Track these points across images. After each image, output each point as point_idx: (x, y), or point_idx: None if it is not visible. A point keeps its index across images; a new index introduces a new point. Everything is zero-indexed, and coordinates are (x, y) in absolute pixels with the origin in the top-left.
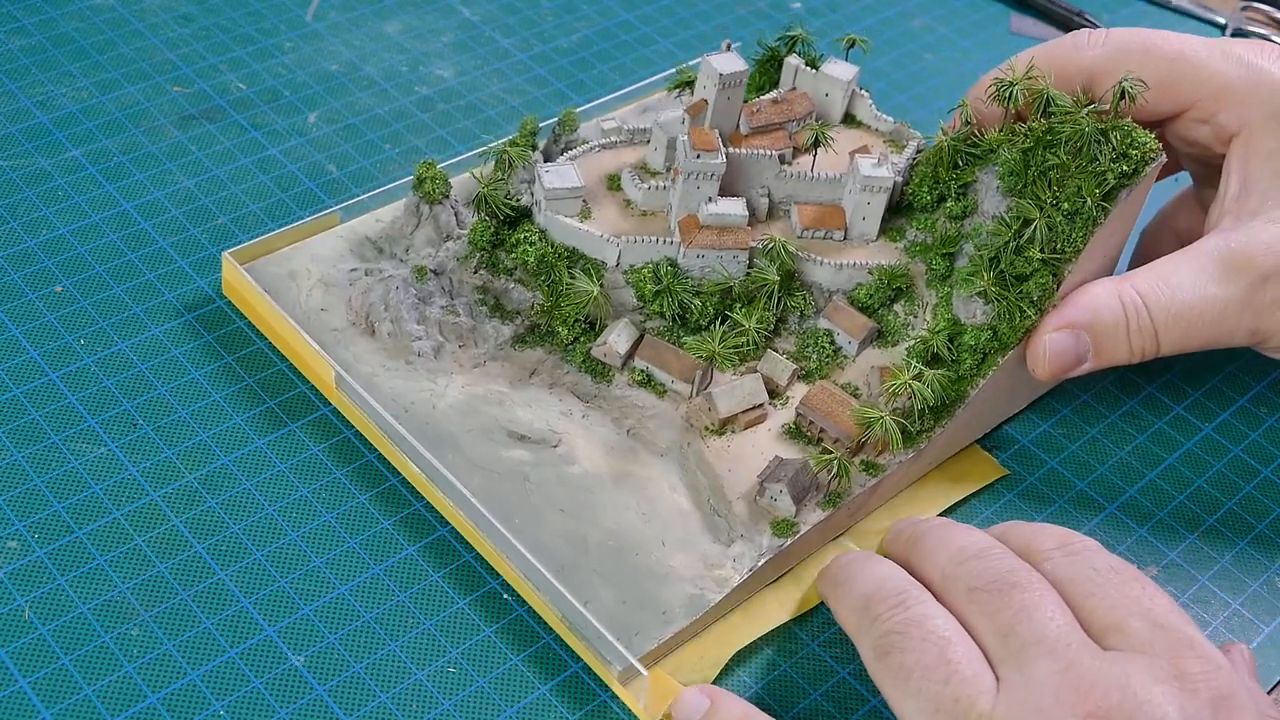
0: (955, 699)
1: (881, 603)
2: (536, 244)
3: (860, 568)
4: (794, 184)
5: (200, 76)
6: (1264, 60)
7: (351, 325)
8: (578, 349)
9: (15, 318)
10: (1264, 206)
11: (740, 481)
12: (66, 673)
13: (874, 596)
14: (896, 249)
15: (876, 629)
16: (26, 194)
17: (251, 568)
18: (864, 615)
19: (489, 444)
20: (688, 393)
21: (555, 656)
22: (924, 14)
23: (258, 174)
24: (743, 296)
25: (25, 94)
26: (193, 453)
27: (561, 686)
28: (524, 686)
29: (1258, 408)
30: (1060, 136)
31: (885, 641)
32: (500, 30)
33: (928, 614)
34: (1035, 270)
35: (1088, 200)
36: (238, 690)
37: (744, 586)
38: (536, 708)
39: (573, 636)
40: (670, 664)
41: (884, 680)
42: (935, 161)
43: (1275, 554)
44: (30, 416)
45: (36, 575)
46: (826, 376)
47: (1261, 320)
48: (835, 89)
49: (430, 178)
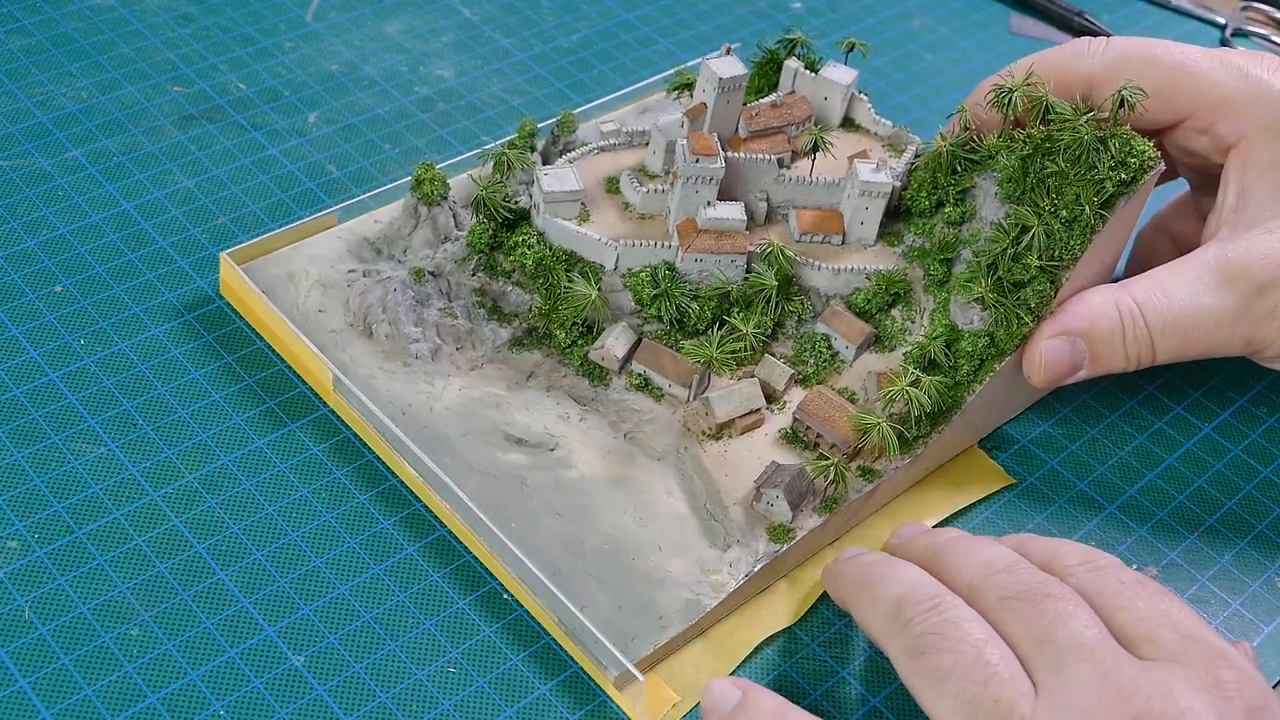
0: (995, 700)
1: (914, 605)
2: (535, 247)
3: (889, 571)
4: (792, 188)
5: (200, 76)
6: (1263, 72)
7: (349, 327)
8: (575, 352)
9: (15, 318)
10: (1261, 217)
11: (737, 486)
12: (66, 673)
13: (906, 599)
14: (894, 254)
15: (910, 631)
16: (26, 194)
17: (251, 568)
18: (895, 618)
19: (486, 447)
20: (685, 397)
21: (555, 657)
22: (924, 14)
23: (258, 174)
24: (741, 301)
25: (25, 94)
26: (193, 453)
27: (561, 686)
28: (524, 686)
29: (1258, 408)
30: (1059, 144)
31: (920, 642)
32: (500, 30)
33: (963, 616)
34: (1033, 277)
35: (1086, 208)
36: (238, 690)
37: (740, 592)
38: (536, 708)
39: (569, 642)
40: (664, 670)
41: (918, 681)
42: (934, 167)
43: (1275, 554)
44: (30, 416)
45: (36, 575)
46: (824, 381)
47: (1257, 330)
48: (834, 93)
49: (428, 179)
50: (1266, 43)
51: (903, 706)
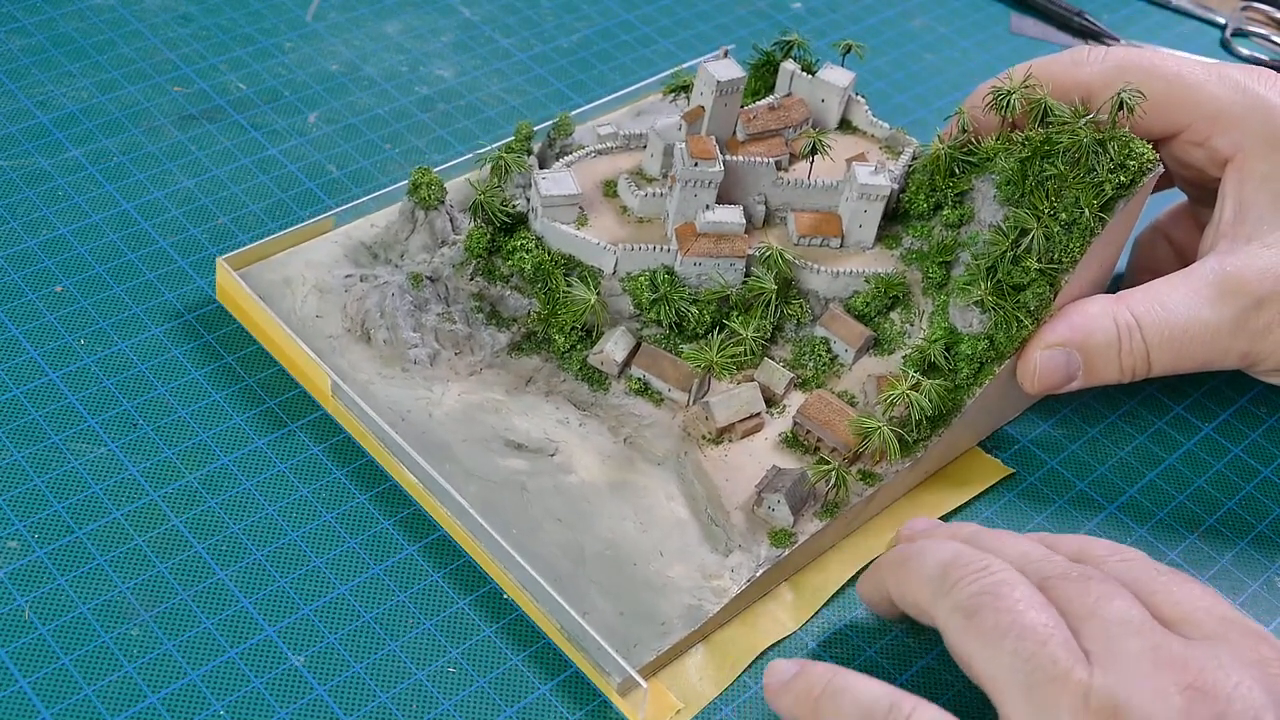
0: (1053, 660)
1: (963, 568)
2: (533, 251)
3: (928, 545)
4: (791, 191)
5: (200, 76)
6: (1260, 86)
7: (347, 332)
8: (574, 357)
9: (15, 318)
10: (1259, 231)
11: (738, 491)
12: (66, 673)
13: (953, 563)
14: (893, 257)
15: (961, 591)
16: (26, 194)
17: (251, 568)
18: (942, 582)
19: (486, 453)
20: (685, 401)
21: (555, 657)
22: (924, 14)
23: (258, 174)
24: (740, 304)
25: (25, 94)
26: (193, 453)
27: (561, 687)
28: (524, 687)
29: (1258, 408)
30: (1058, 146)
31: (975, 602)
32: (500, 30)
33: (1014, 580)
34: (1032, 280)
35: (1085, 211)
36: (238, 690)
37: (743, 597)
38: (536, 708)
39: (571, 648)
40: (667, 676)
41: (971, 641)
42: (932, 169)
43: (1275, 554)
44: (30, 416)
45: (36, 575)
46: (823, 385)
47: (1254, 344)
48: (831, 95)
49: (425, 183)
50: (1266, 43)
51: None
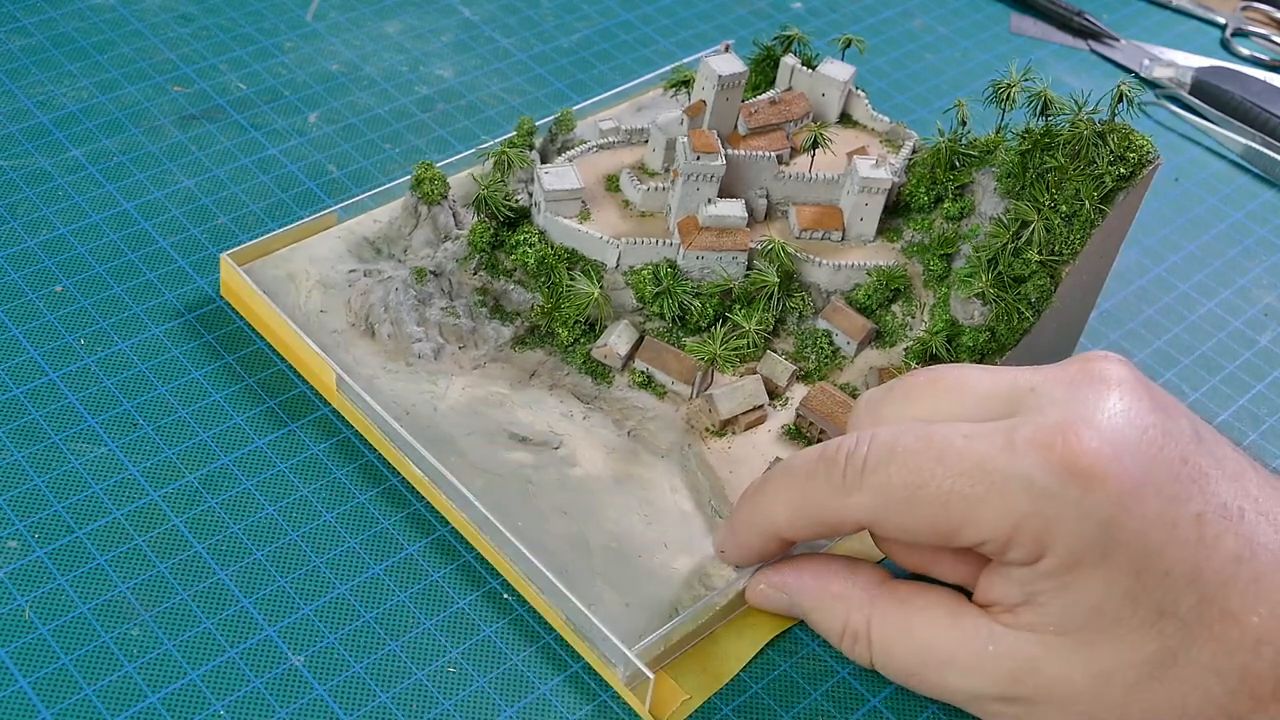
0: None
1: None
2: (536, 245)
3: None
4: (792, 185)
5: (200, 76)
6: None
7: (351, 327)
8: (578, 350)
9: (15, 318)
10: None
11: (741, 483)
12: (66, 673)
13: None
14: (894, 249)
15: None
16: (26, 194)
17: (251, 568)
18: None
19: (490, 446)
20: (688, 394)
21: (555, 656)
22: (924, 14)
23: (258, 174)
24: (742, 298)
25: (25, 94)
26: (193, 453)
27: (561, 686)
28: (524, 686)
29: (1258, 408)
30: (1058, 139)
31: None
32: (500, 30)
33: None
34: (1033, 272)
35: (1086, 203)
36: (238, 690)
37: None
38: (536, 708)
39: (577, 640)
40: (673, 668)
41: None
42: (932, 163)
43: None
44: (30, 416)
45: (36, 575)
46: (826, 377)
47: None
48: (832, 89)
49: (428, 178)
50: (1267, 43)
51: (903, 706)
